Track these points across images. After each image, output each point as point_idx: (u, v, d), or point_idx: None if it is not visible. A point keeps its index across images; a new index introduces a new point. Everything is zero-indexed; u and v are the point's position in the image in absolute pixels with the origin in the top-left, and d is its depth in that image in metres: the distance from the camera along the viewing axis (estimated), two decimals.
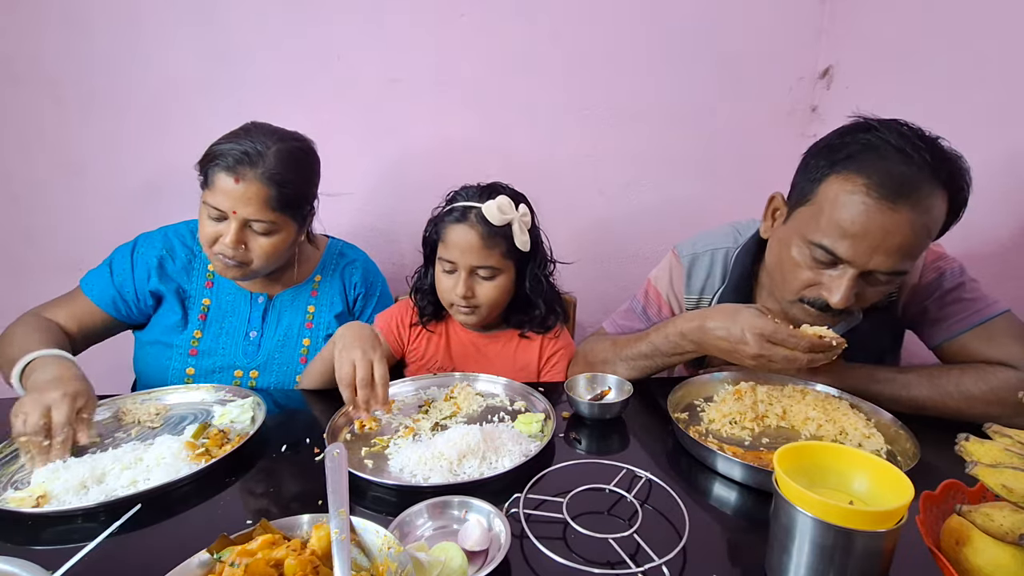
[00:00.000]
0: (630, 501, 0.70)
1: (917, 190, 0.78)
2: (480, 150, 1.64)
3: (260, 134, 1.07)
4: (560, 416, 0.95)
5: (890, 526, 0.51)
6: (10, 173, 1.55)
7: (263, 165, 1.03)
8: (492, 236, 1.09)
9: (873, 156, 0.81)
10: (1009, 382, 0.86)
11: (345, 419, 0.92)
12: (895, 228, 0.78)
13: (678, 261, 1.15)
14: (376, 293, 1.31)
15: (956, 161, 0.83)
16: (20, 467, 0.80)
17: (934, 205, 0.80)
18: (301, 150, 1.12)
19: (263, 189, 1.03)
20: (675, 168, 1.70)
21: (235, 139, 1.05)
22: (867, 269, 0.82)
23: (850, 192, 0.81)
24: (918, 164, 0.79)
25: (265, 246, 1.08)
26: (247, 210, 1.03)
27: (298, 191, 1.09)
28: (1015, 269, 1.16)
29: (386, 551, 0.55)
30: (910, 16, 1.37)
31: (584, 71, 1.60)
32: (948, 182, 0.81)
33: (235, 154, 1.03)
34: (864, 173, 0.80)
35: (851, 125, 0.87)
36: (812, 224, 0.85)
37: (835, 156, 0.84)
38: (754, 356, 0.85)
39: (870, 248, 0.80)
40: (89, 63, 1.48)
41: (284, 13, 1.49)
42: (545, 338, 1.23)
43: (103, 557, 0.62)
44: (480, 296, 1.12)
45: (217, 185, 1.03)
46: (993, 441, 0.55)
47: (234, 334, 1.19)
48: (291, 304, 1.23)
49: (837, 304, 0.84)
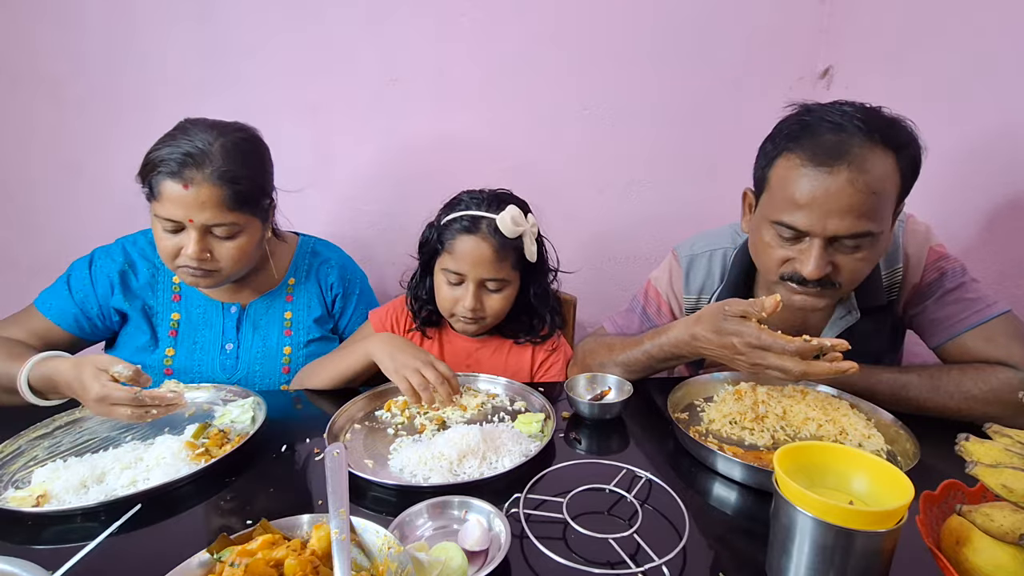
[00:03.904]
0: (630, 501, 0.70)
1: (848, 151, 0.82)
2: (480, 150, 1.63)
3: (199, 131, 0.98)
4: (560, 416, 0.95)
5: (890, 526, 0.51)
6: (6, 172, 1.55)
7: (210, 164, 0.96)
8: (504, 248, 1.07)
9: (807, 133, 0.87)
10: (1010, 382, 0.86)
11: (346, 419, 0.92)
12: (837, 189, 0.82)
13: (677, 262, 1.15)
14: (355, 291, 1.26)
15: (894, 121, 0.86)
16: (20, 467, 0.80)
17: (873, 163, 0.83)
18: (247, 140, 1.03)
19: (216, 190, 0.96)
20: (675, 168, 1.70)
21: (173, 141, 0.97)
22: (828, 235, 0.85)
23: (791, 168, 0.87)
24: (848, 130, 0.84)
25: (232, 249, 1.01)
26: (204, 215, 0.96)
27: (253, 185, 1.02)
28: (1015, 269, 1.16)
29: (386, 551, 0.55)
30: (910, 16, 1.37)
31: (584, 71, 1.60)
32: (886, 140, 0.84)
33: (177, 158, 0.95)
34: (800, 149, 0.86)
35: (791, 113, 0.92)
36: (771, 206, 0.91)
37: (777, 142, 0.91)
38: (750, 364, 0.84)
39: (823, 214, 0.84)
40: (86, 62, 1.48)
41: (283, 12, 1.49)
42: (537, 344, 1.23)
43: (103, 557, 0.62)
44: (487, 308, 1.12)
45: (165, 195, 0.95)
46: (993, 441, 0.55)
47: (209, 348, 1.13)
48: (266, 312, 1.17)
49: (811, 274, 0.86)
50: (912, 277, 1.00)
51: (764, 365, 0.82)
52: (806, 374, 0.78)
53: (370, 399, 0.99)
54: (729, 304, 0.87)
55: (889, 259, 1.00)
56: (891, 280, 1.01)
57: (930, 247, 0.99)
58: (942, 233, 1.02)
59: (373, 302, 1.31)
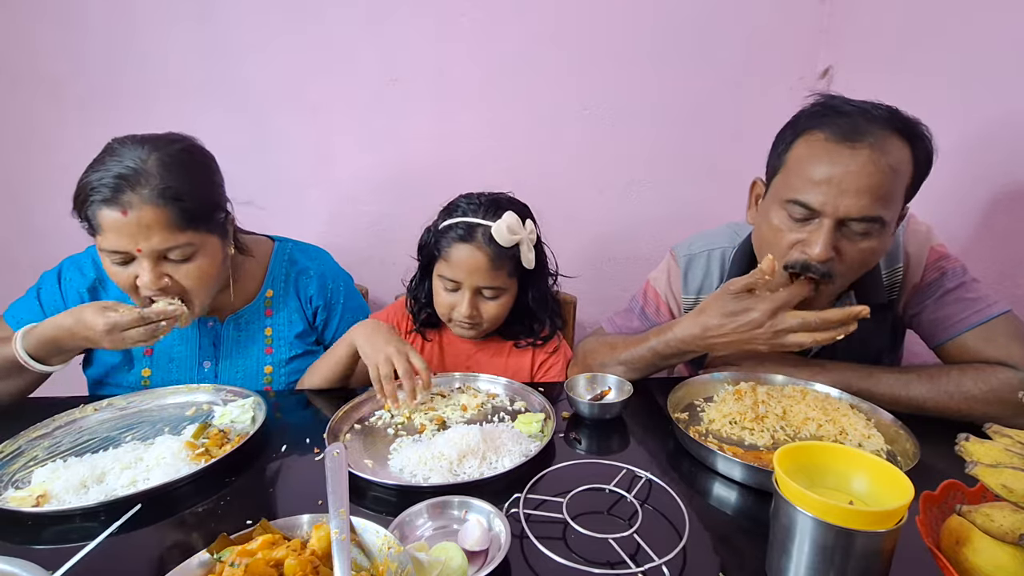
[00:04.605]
0: (630, 501, 0.70)
1: (871, 132, 0.84)
2: (480, 150, 1.64)
3: (128, 149, 0.89)
4: (560, 416, 0.95)
5: (890, 526, 0.51)
6: (6, 172, 1.55)
7: (147, 183, 0.86)
8: (500, 257, 1.06)
9: (831, 112, 0.88)
10: (1010, 382, 0.86)
11: (346, 419, 0.92)
12: (858, 167, 0.83)
13: (675, 262, 1.15)
14: (339, 300, 1.19)
15: (912, 119, 0.88)
16: (20, 467, 0.80)
17: (893, 147, 0.84)
18: (185, 151, 0.94)
19: (159, 212, 0.87)
20: (675, 168, 1.70)
21: (101, 166, 0.88)
22: (840, 216, 0.85)
23: (814, 143, 0.87)
24: (871, 115, 0.85)
25: (192, 272, 0.93)
26: (152, 241, 0.87)
27: (200, 199, 0.93)
28: (1015, 269, 1.16)
29: (386, 551, 0.55)
30: (910, 16, 1.37)
31: (584, 71, 1.60)
32: (904, 131, 0.85)
33: (109, 182, 0.86)
34: (824, 126, 0.87)
35: (812, 102, 0.93)
36: (785, 186, 0.91)
37: (798, 124, 0.91)
38: (771, 335, 0.86)
39: (838, 191, 0.84)
40: (86, 62, 1.48)
41: (284, 12, 1.49)
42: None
43: (103, 557, 0.62)
44: (484, 315, 1.12)
45: (105, 225, 0.86)
46: (993, 441, 0.55)
47: (185, 367, 1.08)
48: (246, 328, 1.11)
49: (819, 256, 0.86)
50: (912, 277, 1.00)
51: (785, 328, 0.85)
52: (826, 320, 0.82)
53: (370, 399, 0.98)
54: (731, 284, 0.89)
55: (890, 258, 1.00)
56: (891, 279, 1.01)
57: (931, 247, 0.99)
58: (942, 233, 1.02)
59: (360, 306, 1.25)
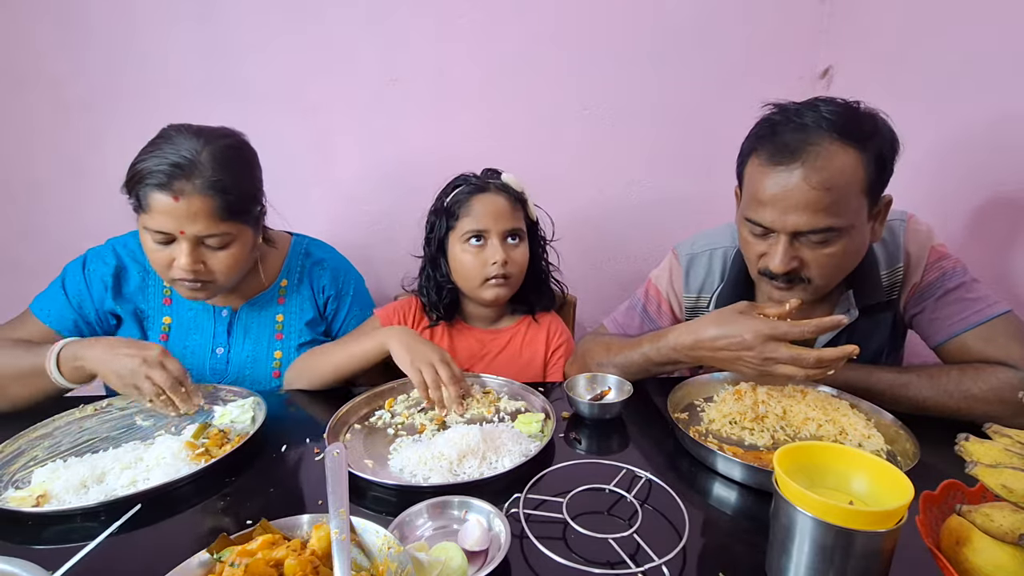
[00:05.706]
0: (630, 501, 0.70)
1: (805, 149, 0.85)
2: (480, 150, 1.62)
3: (185, 139, 0.95)
4: (560, 416, 0.95)
5: (890, 526, 0.51)
6: (7, 173, 1.55)
7: (200, 174, 0.93)
8: (516, 201, 1.14)
9: (770, 133, 0.90)
10: (1010, 382, 0.86)
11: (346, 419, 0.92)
12: (794, 186, 0.85)
13: (677, 260, 1.16)
14: (349, 292, 1.24)
15: (861, 115, 0.88)
16: (20, 467, 0.80)
17: (834, 156, 0.84)
18: (234, 147, 1.01)
19: (207, 201, 0.93)
20: (675, 168, 1.70)
21: (158, 151, 0.94)
22: (789, 231, 0.87)
23: (756, 167, 0.91)
24: (809, 129, 0.85)
25: (225, 259, 1.00)
26: (195, 227, 0.94)
27: (244, 193, 1.00)
28: (1015, 269, 1.16)
29: (386, 551, 0.55)
30: (910, 16, 1.37)
31: (584, 71, 1.60)
32: (847, 136, 0.85)
33: (165, 169, 0.92)
34: (762, 149, 0.90)
35: (765, 115, 0.94)
36: (744, 203, 0.96)
37: (748, 144, 0.95)
38: (760, 361, 0.84)
39: (783, 210, 0.87)
40: (87, 62, 1.48)
41: (284, 12, 1.49)
42: (550, 330, 1.23)
43: (103, 557, 0.62)
44: (513, 263, 1.14)
45: (155, 207, 0.93)
46: (993, 441, 0.55)
47: (200, 352, 1.12)
48: (258, 316, 1.16)
49: (777, 268, 0.90)
50: (913, 276, 1.00)
51: (776, 358, 0.82)
52: (820, 359, 0.80)
53: (370, 399, 0.99)
54: (740, 304, 0.90)
55: (890, 258, 1.00)
56: (892, 279, 1.01)
57: (931, 247, 0.99)
58: (941, 232, 1.02)
59: (368, 303, 1.29)
